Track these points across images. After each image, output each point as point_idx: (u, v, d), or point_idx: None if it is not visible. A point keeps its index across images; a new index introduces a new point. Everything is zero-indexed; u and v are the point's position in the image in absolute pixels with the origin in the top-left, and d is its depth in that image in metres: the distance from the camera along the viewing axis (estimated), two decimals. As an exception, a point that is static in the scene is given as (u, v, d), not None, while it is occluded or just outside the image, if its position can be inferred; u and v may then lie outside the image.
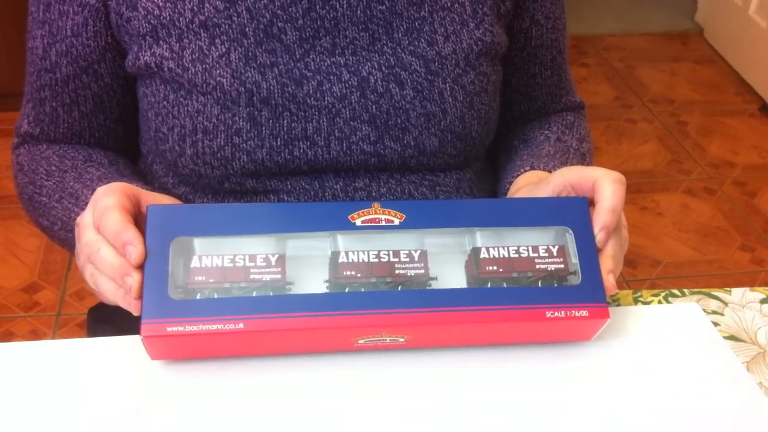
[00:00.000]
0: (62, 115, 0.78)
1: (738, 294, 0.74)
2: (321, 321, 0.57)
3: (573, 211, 0.62)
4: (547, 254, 0.61)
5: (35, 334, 1.70)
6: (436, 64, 0.74)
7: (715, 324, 0.70)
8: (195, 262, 0.58)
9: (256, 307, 0.57)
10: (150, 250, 0.57)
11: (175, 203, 0.65)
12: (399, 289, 0.59)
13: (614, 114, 2.60)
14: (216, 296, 0.58)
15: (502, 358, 0.65)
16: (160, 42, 0.71)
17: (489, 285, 0.60)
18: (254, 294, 0.58)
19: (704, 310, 0.72)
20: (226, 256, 0.58)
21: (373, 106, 0.73)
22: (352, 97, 0.72)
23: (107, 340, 0.66)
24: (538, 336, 0.64)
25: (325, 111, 0.72)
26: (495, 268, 0.61)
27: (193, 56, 0.71)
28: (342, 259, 0.59)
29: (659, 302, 0.73)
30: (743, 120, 2.59)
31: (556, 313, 0.59)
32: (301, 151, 0.72)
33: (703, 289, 0.74)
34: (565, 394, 0.62)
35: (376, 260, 0.59)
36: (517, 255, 0.61)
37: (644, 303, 0.72)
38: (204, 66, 0.71)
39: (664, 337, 0.68)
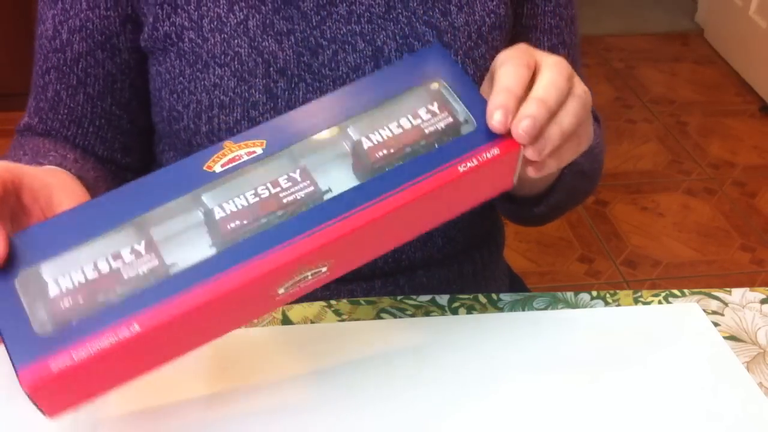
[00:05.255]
0: (65, 99, 0.76)
1: (738, 294, 0.74)
2: (224, 283, 0.48)
3: (434, 61, 0.56)
4: (430, 115, 0.55)
5: (35, 334, 1.70)
6: (449, 35, 0.74)
7: (715, 324, 0.70)
8: (53, 290, 0.48)
9: (144, 301, 0.47)
10: None
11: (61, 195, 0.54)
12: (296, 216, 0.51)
13: (614, 114, 2.60)
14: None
15: (500, 357, 0.65)
16: (179, 10, 0.71)
17: (387, 170, 0.53)
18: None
19: (704, 311, 0.72)
20: (86, 267, 0.48)
21: None
22: (366, 67, 0.72)
23: (107, 340, 0.66)
24: (461, 199, 0.56)
25: (340, 81, 0.72)
26: (385, 151, 0.53)
27: (212, 25, 0.71)
28: (219, 214, 0.50)
29: (659, 302, 0.73)
30: (743, 120, 2.60)
31: (469, 164, 0.53)
32: None
33: (704, 290, 0.74)
34: (564, 393, 0.62)
35: (257, 199, 0.51)
36: (401, 129, 0.54)
37: (644, 303, 0.72)
38: (222, 36, 0.71)
39: (664, 337, 0.68)
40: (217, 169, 0.51)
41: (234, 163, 0.52)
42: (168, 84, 0.73)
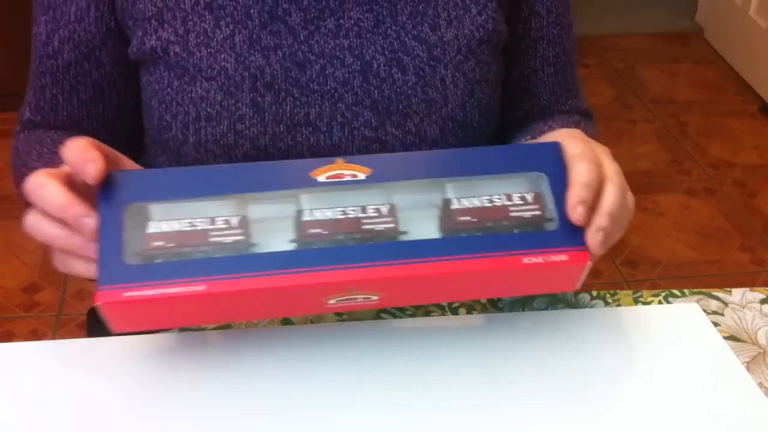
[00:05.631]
0: (61, 102, 0.78)
1: (738, 294, 0.74)
2: (287, 279, 0.54)
3: (546, 157, 0.59)
4: (522, 202, 0.59)
5: (35, 334, 1.70)
6: (438, 49, 0.74)
7: (715, 324, 0.70)
8: (151, 228, 0.55)
9: (218, 268, 0.54)
10: (102, 217, 0.54)
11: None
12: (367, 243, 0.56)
13: (614, 114, 2.60)
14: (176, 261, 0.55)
15: (501, 356, 0.65)
16: (165, 25, 0.72)
17: (462, 236, 0.57)
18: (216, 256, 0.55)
19: (704, 311, 0.72)
20: (184, 219, 0.55)
21: (375, 91, 0.73)
22: (355, 81, 0.73)
23: (107, 340, 0.66)
24: (518, 286, 0.61)
25: (328, 96, 0.72)
26: (468, 218, 0.58)
27: (198, 39, 0.71)
28: (306, 217, 0.56)
29: (659, 302, 0.73)
30: (743, 120, 2.59)
31: (534, 259, 0.56)
32: (304, 137, 0.72)
33: (703, 290, 0.74)
34: (564, 393, 0.62)
35: (343, 216, 0.57)
36: (490, 204, 0.58)
37: (644, 303, 0.72)
38: (209, 50, 0.71)
39: (664, 337, 0.68)
40: (321, 178, 0.57)
41: (336, 180, 0.57)
42: (157, 94, 0.74)
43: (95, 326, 0.94)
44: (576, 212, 0.56)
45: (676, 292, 0.74)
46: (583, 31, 3.02)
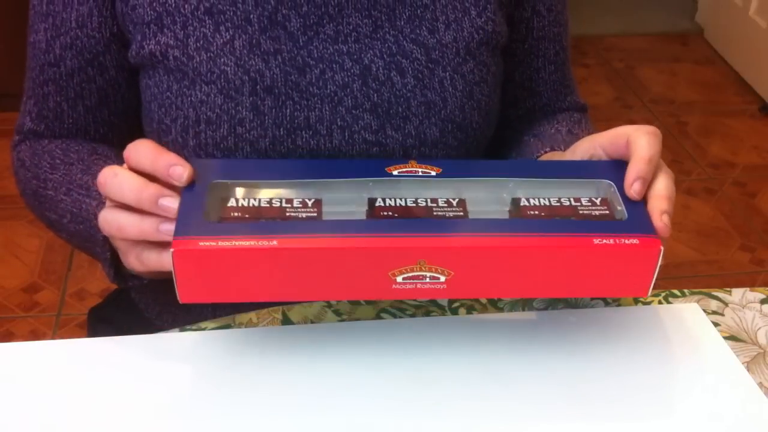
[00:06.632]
0: (67, 110, 0.78)
1: (738, 294, 0.74)
2: (357, 241, 0.55)
3: (613, 170, 0.62)
4: (590, 203, 0.60)
5: (35, 334, 1.70)
6: (437, 52, 0.74)
7: (715, 324, 0.70)
8: (231, 202, 0.58)
9: (291, 228, 0.56)
10: (184, 194, 0.57)
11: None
12: None
13: (614, 114, 2.60)
14: None
15: (500, 357, 0.65)
16: (165, 30, 0.72)
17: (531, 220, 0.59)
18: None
19: (704, 311, 0.72)
20: (263, 198, 0.59)
21: (375, 95, 0.73)
22: (354, 85, 0.73)
23: (107, 340, 0.66)
24: (589, 281, 0.59)
25: (328, 99, 0.72)
26: (536, 213, 0.60)
27: (198, 44, 0.71)
28: (379, 203, 0.59)
29: (659, 302, 0.73)
30: (743, 120, 2.59)
31: (605, 240, 0.57)
32: (304, 140, 0.72)
33: (704, 290, 0.74)
34: (564, 393, 0.62)
35: (414, 205, 0.59)
36: (558, 204, 0.60)
37: (644, 303, 0.73)
38: (208, 54, 0.71)
39: (664, 337, 0.68)
40: (395, 173, 0.61)
41: (409, 174, 0.61)
42: (157, 98, 0.74)
43: (95, 326, 0.94)
44: (632, 189, 0.59)
45: (676, 292, 0.74)
46: (583, 31, 3.02)
